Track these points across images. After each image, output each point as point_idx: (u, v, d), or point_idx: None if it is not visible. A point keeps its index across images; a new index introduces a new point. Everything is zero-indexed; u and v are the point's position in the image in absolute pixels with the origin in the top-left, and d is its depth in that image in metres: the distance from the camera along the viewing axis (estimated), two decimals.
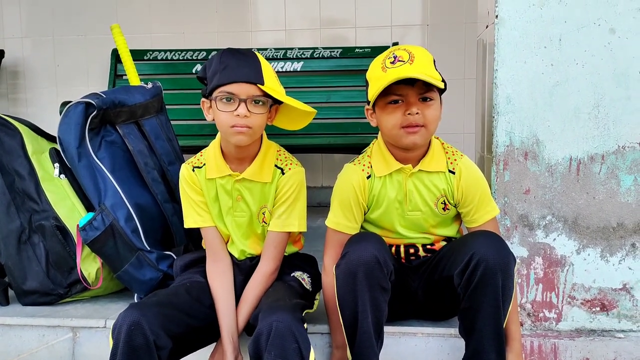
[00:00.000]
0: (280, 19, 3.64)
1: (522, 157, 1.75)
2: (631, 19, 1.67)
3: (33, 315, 1.90)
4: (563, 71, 1.70)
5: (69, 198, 1.98)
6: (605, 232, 1.74)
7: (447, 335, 1.74)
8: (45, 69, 3.81)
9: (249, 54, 1.60)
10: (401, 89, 1.52)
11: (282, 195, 1.68)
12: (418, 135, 1.55)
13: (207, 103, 1.63)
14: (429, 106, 1.54)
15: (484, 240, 1.52)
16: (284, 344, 1.40)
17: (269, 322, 1.42)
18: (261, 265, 1.69)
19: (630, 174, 1.72)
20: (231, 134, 1.57)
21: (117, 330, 1.43)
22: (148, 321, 1.43)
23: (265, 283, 1.68)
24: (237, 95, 1.55)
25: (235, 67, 1.55)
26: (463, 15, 3.46)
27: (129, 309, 1.46)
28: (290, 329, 1.41)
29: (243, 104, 1.55)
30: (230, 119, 1.55)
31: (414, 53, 1.53)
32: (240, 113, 1.54)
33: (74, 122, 1.93)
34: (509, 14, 1.70)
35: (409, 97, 1.53)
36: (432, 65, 1.55)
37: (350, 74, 3.46)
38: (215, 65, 1.57)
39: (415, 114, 1.53)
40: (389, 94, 1.53)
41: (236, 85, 1.54)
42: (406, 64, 1.51)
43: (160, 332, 1.44)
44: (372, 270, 1.48)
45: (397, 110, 1.55)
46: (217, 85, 1.55)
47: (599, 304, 1.77)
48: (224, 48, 1.63)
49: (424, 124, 1.54)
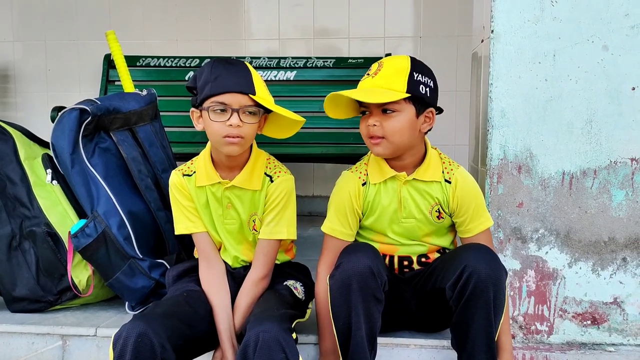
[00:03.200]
0: (274, 28, 3.65)
1: (515, 171, 1.76)
2: (624, 36, 1.70)
3: (22, 323, 1.87)
4: (557, 86, 1.73)
5: (61, 204, 1.96)
6: (597, 246, 1.76)
7: (440, 347, 1.75)
8: (36, 74, 3.78)
9: (240, 64, 1.61)
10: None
11: (270, 203, 1.68)
12: (380, 146, 1.58)
13: (196, 113, 1.63)
14: (389, 117, 1.56)
15: (475, 253, 1.53)
16: (271, 355, 1.40)
17: (256, 332, 1.42)
18: (251, 272, 1.69)
19: (622, 189, 1.74)
20: (223, 144, 1.58)
21: (123, 342, 1.40)
22: (155, 333, 1.41)
23: (255, 290, 1.67)
24: (230, 105, 1.55)
25: (227, 77, 1.56)
26: (456, 28, 3.49)
27: (134, 320, 1.44)
28: (277, 339, 1.41)
29: (235, 114, 1.55)
30: (222, 129, 1.56)
31: (384, 64, 1.58)
32: (233, 123, 1.55)
33: (68, 128, 1.92)
34: (505, 29, 1.73)
35: (370, 108, 1.59)
36: (400, 75, 1.55)
37: (343, 84, 3.45)
38: (207, 75, 1.57)
39: (372, 125, 1.57)
40: (361, 105, 1.61)
41: (229, 96, 1.55)
42: (369, 78, 1.59)
43: (166, 345, 1.43)
44: (366, 281, 1.49)
45: (364, 120, 1.61)
46: (209, 95, 1.56)
47: (590, 317, 1.79)
48: (215, 57, 1.64)
49: (383, 135, 1.57)
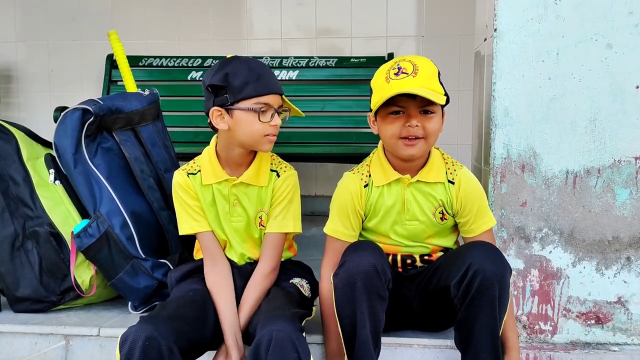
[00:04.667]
0: (276, 27, 3.64)
1: (519, 170, 1.75)
2: (628, 34, 1.69)
3: (25, 323, 1.88)
4: (560, 85, 1.72)
5: (64, 204, 1.96)
6: (600, 245, 1.75)
7: (443, 346, 1.74)
8: (39, 74, 3.79)
9: (265, 64, 1.68)
10: (402, 101, 1.53)
11: (278, 197, 1.70)
12: (416, 147, 1.56)
13: (217, 111, 1.61)
14: (430, 119, 1.55)
15: (480, 251, 1.52)
16: (284, 354, 1.40)
17: (269, 331, 1.42)
18: (260, 265, 1.70)
19: (626, 188, 1.73)
20: (264, 142, 1.63)
21: (130, 345, 1.39)
22: (163, 336, 1.41)
23: (264, 283, 1.68)
24: (272, 105, 1.61)
25: (269, 77, 1.62)
26: (458, 27, 3.48)
27: (142, 322, 1.43)
28: (290, 338, 1.41)
29: (276, 114, 1.62)
30: (264, 129, 1.60)
31: (419, 65, 1.53)
32: (278, 123, 1.61)
33: (71, 128, 1.92)
34: (508, 27, 1.72)
35: (409, 109, 1.54)
36: (436, 78, 1.55)
37: (345, 84, 3.47)
38: (247, 75, 1.58)
39: (414, 126, 1.53)
40: (390, 104, 1.54)
41: (272, 97, 1.61)
42: (409, 77, 1.51)
43: (173, 347, 1.42)
44: (371, 279, 1.49)
45: (397, 121, 1.55)
46: (252, 95, 1.58)
47: (594, 317, 1.78)
48: (218, 57, 1.65)
49: (424, 136, 1.55)
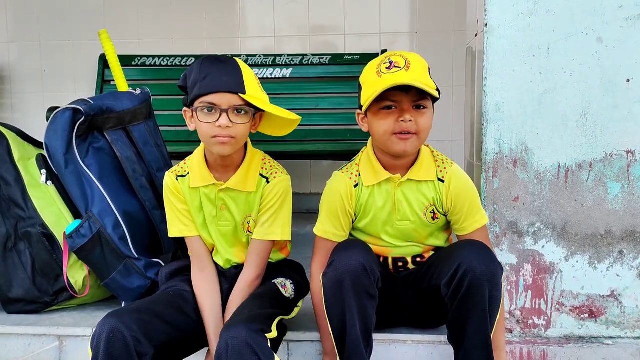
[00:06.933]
0: (269, 25, 3.64)
1: (511, 165, 1.75)
2: (618, 28, 1.69)
3: (19, 324, 1.87)
4: (551, 79, 1.72)
5: (56, 205, 1.96)
6: (593, 239, 1.76)
7: (437, 342, 1.74)
8: (32, 74, 3.77)
9: (230, 62, 1.57)
10: (395, 95, 1.51)
11: (266, 204, 1.65)
12: (409, 143, 1.54)
13: (189, 112, 1.59)
14: (422, 114, 1.53)
15: (470, 251, 1.51)
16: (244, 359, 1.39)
17: (224, 340, 1.40)
18: (244, 272, 1.67)
19: (618, 182, 1.73)
20: (213, 144, 1.55)
21: (97, 340, 1.40)
22: (127, 327, 1.41)
23: (248, 290, 1.66)
24: (219, 105, 1.51)
25: (216, 76, 1.52)
26: (451, 23, 3.48)
27: (106, 317, 1.43)
28: (246, 343, 1.39)
29: (225, 114, 1.51)
30: (211, 130, 1.52)
31: (410, 59, 1.52)
32: (222, 124, 1.51)
33: (61, 128, 1.91)
34: (498, 22, 1.72)
35: (402, 104, 1.52)
36: (427, 73, 1.54)
37: (339, 81, 3.47)
38: (196, 75, 1.53)
39: (408, 121, 1.51)
40: (383, 99, 1.52)
41: (217, 96, 1.51)
42: (402, 70, 1.50)
43: (141, 338, 1.42)
44: (359, 277, 1.47)
45: (389, 116, 1.53)
46: (197, 96, 1.52)
47: (588, 310, 1.79)
48: (206, 55, 1.61)
49: (416, 131, 1.53)
